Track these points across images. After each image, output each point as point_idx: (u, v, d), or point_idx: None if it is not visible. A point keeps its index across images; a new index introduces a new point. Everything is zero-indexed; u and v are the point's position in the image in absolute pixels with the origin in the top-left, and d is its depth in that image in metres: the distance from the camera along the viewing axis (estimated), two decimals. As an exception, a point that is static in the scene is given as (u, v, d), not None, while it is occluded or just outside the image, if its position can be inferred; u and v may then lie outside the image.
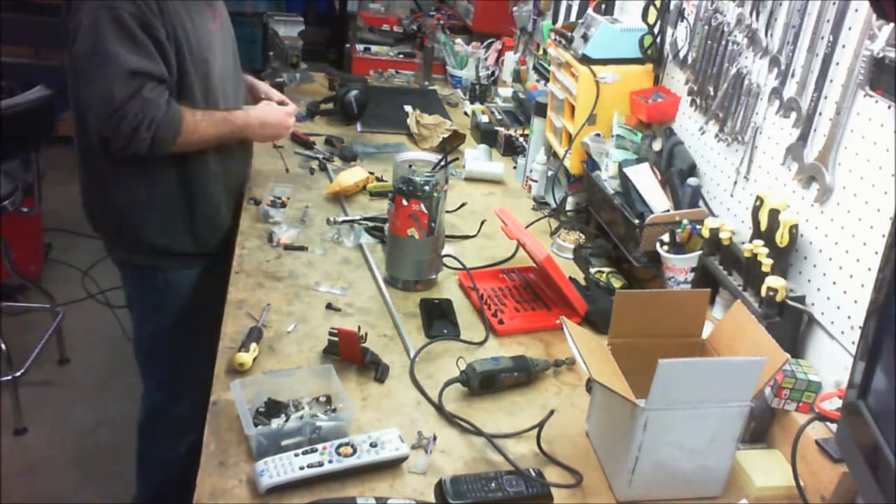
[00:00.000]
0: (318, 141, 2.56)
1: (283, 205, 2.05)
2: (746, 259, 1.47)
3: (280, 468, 1.19)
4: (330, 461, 1.20)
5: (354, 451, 1.22)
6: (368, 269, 1.84)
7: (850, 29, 1.36)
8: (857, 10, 1.34)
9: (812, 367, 1.36)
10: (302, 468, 1.19)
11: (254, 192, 2.14)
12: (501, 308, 1.73)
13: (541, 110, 2.33)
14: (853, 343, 1.29)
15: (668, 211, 1.76)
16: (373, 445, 1.23)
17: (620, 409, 1.21)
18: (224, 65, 1.93)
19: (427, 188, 1.70)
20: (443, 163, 1.81)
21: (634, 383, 1.19)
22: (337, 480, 1.21)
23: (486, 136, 2.70)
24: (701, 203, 1.77)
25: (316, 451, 1.22)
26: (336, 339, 1.48)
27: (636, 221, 1.75)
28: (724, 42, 1.73)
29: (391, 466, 1.24)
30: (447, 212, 2.06)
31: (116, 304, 3.41)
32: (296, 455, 1.21)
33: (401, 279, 1.78)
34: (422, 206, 1.70)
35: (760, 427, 1.37)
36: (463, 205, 2.21)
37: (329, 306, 1.67)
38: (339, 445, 1.23)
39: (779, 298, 1.38)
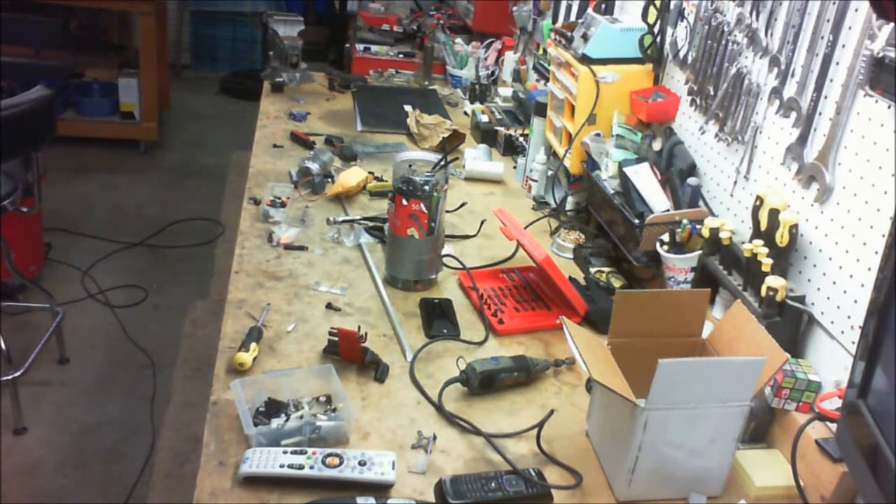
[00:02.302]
0: (318, 140, 2.56)
1: (283, 205, 2.05)
2: (746, 259, 1.47)
3: (263, 461, 1.19)
4: (312, 467, 1.19)
5: (340, 464, 1.20)
6: (368, 269, 1.84)
7: (850, 29, 1.36)
8: (857, 10, 1.34)
9: (812, 366, 1.36)
10: (283, 466, 1.18)
11: (254, 192, 2.14)
12: (501, 308, 1.73)
13: (541, 110, 2.33)
14: (853, 343, 1.28)
15: (668, 211, 1.76)
16: (361, 464, 1.20)
17: (620, 409, 1.21)
18: None
19: (427, 188, 1.70)
20: (443, 163, 1.81)
21: (634, 383, 1.19)
22: (328, 488, 1.18)
23: (486, 135, 2.70)
24: (701, 203, 1.77)
25: (305, 453, 1.21)
26: (336, 338, 1.48)
27: (636, 221, 1.75)
28: (724, 42, 1.73)
29: (373, 489, 1.19)
30: (447, 212, 2.06)
31: (116, 304, 3.43)
32: (284, 452, 1.21)
33: (401, 279, 1.78)
34: (422, 205, 1.70)
35: (760, 427, 1.37)
36: (463, 205, 2.21)
37: (329, 306, 1.67)
38: (328, 455, 1.21)
39: (779, 298, 1.38)
